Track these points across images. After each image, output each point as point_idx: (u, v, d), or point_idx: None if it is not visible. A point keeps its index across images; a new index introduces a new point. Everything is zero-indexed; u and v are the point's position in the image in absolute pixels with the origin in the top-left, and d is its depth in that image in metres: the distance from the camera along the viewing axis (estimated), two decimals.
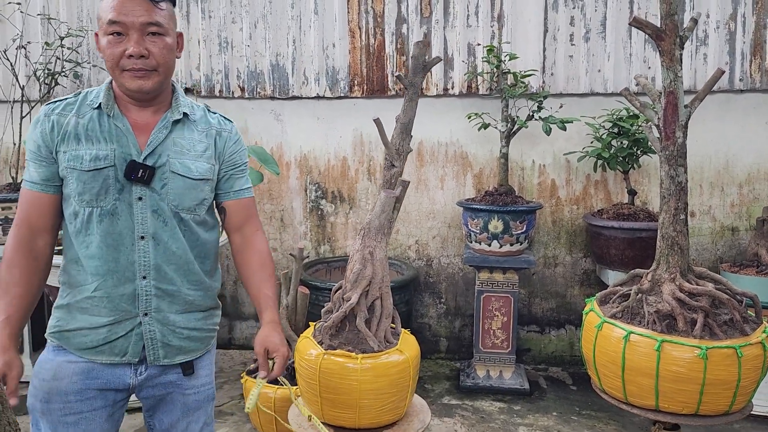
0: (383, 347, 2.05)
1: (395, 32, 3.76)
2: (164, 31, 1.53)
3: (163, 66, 1.54)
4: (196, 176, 1.60)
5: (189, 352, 1.66)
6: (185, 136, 1.62)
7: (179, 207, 1.58)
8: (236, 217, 1.73)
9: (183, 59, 3.88)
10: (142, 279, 1.56)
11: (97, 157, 1.52)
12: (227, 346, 4.11)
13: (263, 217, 3.99)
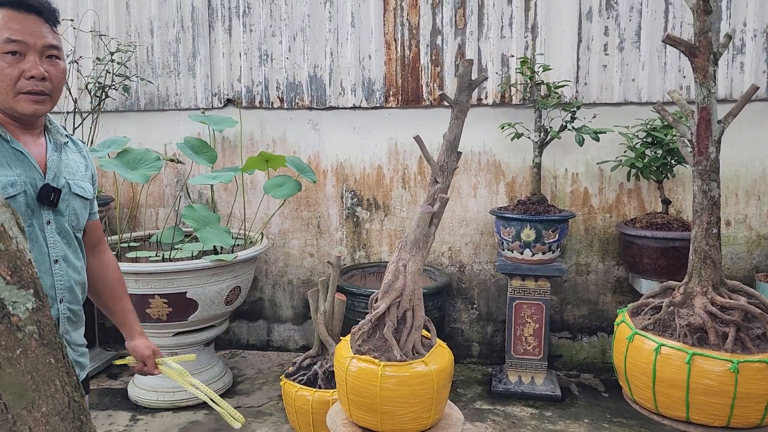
0: (409, 357, 2.13)
1: (430, 44, 3.84)
2: (61, 56, 1.52)
3: (57, 91, 1.53)
4: (89, 195, 1.67)
5: (84, 368, 1.73)
6: (70, 158, 1.64)
7: (76, 227, 1.63)
8: (93, 237, 1.80)
9: (225, 71, 4.03)
10: (59, 302, 1.58)
11: (10, 184, 1.47)
12: (265, 348, 4.24)
13: (300, 223, 4.11)
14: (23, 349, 0.76)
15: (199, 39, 4.04)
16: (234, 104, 4.06)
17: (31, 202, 1.50)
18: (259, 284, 4.17)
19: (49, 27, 1.47)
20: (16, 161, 1.49)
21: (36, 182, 1.51)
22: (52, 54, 1.48)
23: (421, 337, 2.25)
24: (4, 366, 0.75)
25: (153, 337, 3.28)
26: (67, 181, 1.59)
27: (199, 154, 3.49)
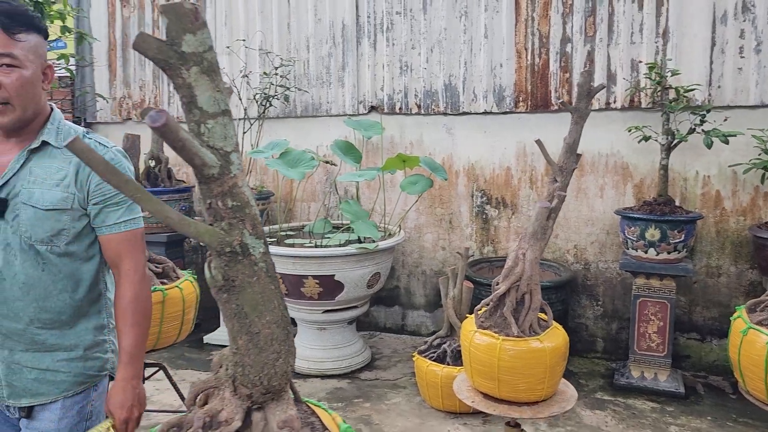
0: (526, 335, 2.42)
1: (559, 51, 4.05)
2: (19, 63, 1.45)
3: (18, 99, 1.47)
4: (47, 206, 1.51)
5: (38, 395, 1.57)
6: (43, 165, 1.54)
7: (33, 239, 1.51)
8: (109, 253, 1.63)
9: (369, 81, 4.51)
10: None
11: None
12: (400, 331, 4.67)
13: (434, 219, 4.49)
14: (257, 277, 1.19)
15: (348, 53, 4.56)
16: (377, 110, 4.53)
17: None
18: (396, 273, 4.61)
19: (6, 36, 1.43)
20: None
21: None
22: (6, 62, 1.43)
23: (537, 318, 2.52)
24: (245, 287, 1.18)
25: (305, 314, 3.82)
26: (22, 189, 1.51)
27: (347, 155, 3.98)
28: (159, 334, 2.89)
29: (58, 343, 1.57)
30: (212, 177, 1.13)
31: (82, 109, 5.37)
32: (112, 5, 5.27)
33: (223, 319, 1.25)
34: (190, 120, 1.13)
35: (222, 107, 1.15)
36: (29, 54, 1.48)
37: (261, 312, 1.23)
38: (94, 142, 1.61)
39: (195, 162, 1.09)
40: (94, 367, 1.65)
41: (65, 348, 1.58)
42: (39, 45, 1.52)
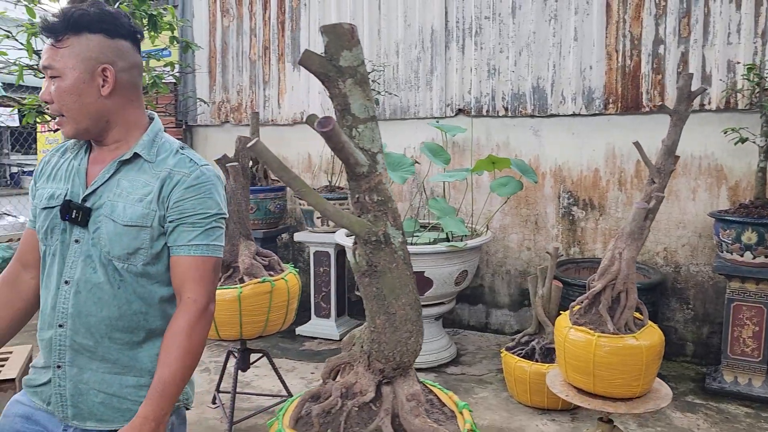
0: (621, 332, 2.47)
1: (651, 53, 4.04)
2: (58, 73, 1.41)
3: (66, 109, 1.43)
4: (126, 222, 1.44)
5: (103, 420, 1.46)
6: (131, 178, 1.48)
7: (111, 254, 1.44)
8: (175, 277, 1.49)
9: (457, 85, 4.63)
10: (58, 327, 1.46)
11: (52, 196, 1.49)
12: (483, 329, 4.76)
13: (519, 219, 4.56)
14: (396, 263, 1.34)
15: (437, 57, 4.69)
16: (464, 113, 4.64)
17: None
18: (481, 272, 4.70)
19: (53, 48, 1.41)
20: (71, 176, 1.50)
21: (69, 198, 1.47)
22: (51, 74, 1.42)
23: (633, 317, 2.58)
24: (386, 272, 1.34)
25: None
26: (107, 201, 1.46)
27: (436, 157, 4.11)
28: (266, 322, 3.12)
29: (129, 366, 1.47)
30: (362, 175, 1.29)
31: (184, 112, 5.75)
32: (213, 15, 5.62)
33: (364, 300, 1.41)
34: (343, 125, 1.29)
35: (370, 113, 1.31)
36: (70, 60, 1.40)
37: (398, 295, 1.38)
38: (186, 157, 1.52)
39: (349, 161, 1.25)
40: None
41: (135, 372, 1.48)
42: (88, 47, 1.41)
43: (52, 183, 1.52)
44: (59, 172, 1.53)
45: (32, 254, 1.57)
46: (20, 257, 1.59)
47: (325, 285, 4.71)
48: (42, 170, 1.57)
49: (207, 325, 1.49)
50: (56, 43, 1.40)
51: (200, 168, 1.51)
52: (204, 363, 4.19)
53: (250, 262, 3.09)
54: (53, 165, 1.56)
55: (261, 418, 3.37)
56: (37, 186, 1.56)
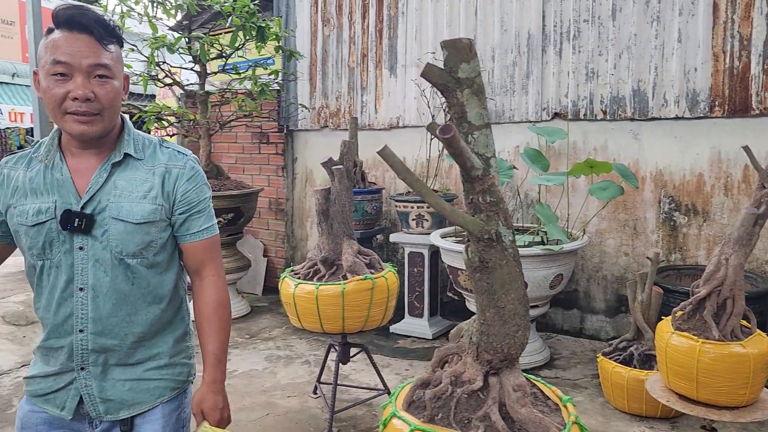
0: (727, 339, 2.43)
1: (762, 54, 3.88)
2: (111, 74, 1.46)
3: (109, 110, 1.47)
4: (138, 220, 1.51)
5: (133, 405, 1.57)
6: (127, 177, 1.53)
7: (123, 253, 1.50)
8: (192, 261, 1.65)
9: (554, 88, 4.63)
10: (78, 332, 1.51)
11: (39, 211, 1.48)
12: (578, 335, 4.72)
13: (617, 224, 4.49)
14: (506, 260, 1.44)
15: (533, 62, 4.71)
16: (560, 117, 4.63)
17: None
18: (575, 277, 4.67)
19: (100, 46, 1.43)
20: (56, 187, 1.49)
21: (71, 207, 1.48)
22: (100, 73, 1.44)
23: (740, 325, 2.52)
24: (497, 268, 1.43)
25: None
26: (108, 203, 1.50)
27: (535, 163, 4.13)
28: (367, 317, 3.27)
29: (148, 354, 1.59)
30: (476, 177, 1.39)
31: (286, 117, 6.05)
32: (315, 25, 5.89)
33: (474, 294, 1.51)
34: (460, 131, 1.40)
35: (485, 121, 1.41)
36: (117, 64, 1.49)
37: (507, 290, 1.47)
38: (173, 150, 1.62)
39: (466, 165, 1.36)
40: (183, 373, 1.67)
41: (153, 357, 1.60)
42: (121, 55, 1.52)
43: (33, 198, 1.49)
44: (37, 186, 1.49)
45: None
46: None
47: (418, 285, 4.83)
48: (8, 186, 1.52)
49: (228, 292, 1.70)
50: (104, 44, 1.45)
51: (189, 158, 1.63)
52: (304, 356, 4.41)
53: (352, 260, 3.25)
54: (20, 180, 1.51)
55: (359, 410, 3.53)
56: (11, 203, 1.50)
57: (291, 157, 6.20)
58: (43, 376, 1.55)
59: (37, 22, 4.92)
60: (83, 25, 1.41)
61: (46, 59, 1.41)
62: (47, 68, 1.41)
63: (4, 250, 1.60)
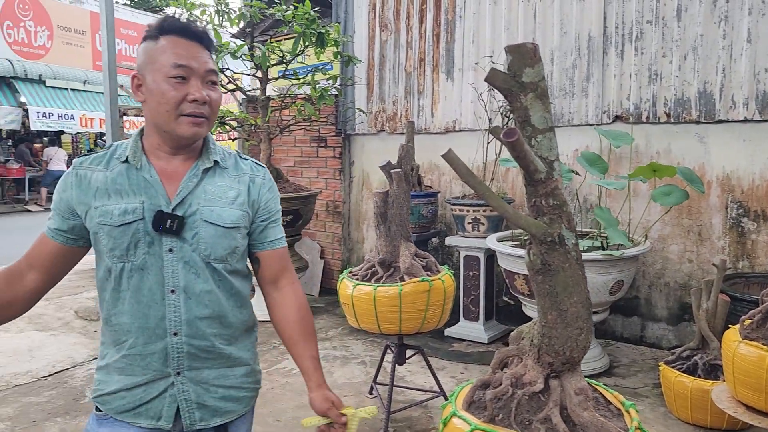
0: None
1: None
2: (217, 81, 1.55)
3: (214, 115, 1.54)
4: (228, 224, 1.54)
5: (226, 413, 1.58)
6: (216, 183, 1.57)
7: (211, 257, 1.52)
8: (271, 269, 1.67)
9: (615, 91, 4.54)
10: (173, 336, 1.50)
11: (126, 211, 1.47)
12: (638, 342, 4.61)
13: (680, 230, 4.37)
14: (569, 263, 1.44)
15: (593, 64, 4.64)
16: (621, 120, 4.54)
17: (150, 229, 1.48)
18: (636, 283, 4.56)
19: (208, 54, 1.52)
20: (144, 188, 1.50)
21: (157, 209, 1.49)
22: (212, 79, 1.52)
23: None
24: (559, 271, 1.44)
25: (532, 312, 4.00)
26: (199, 207, 1.52)
27: (593, 166, 4.07)
28: (423, 319, 3.30)
29: (237, 357, 1.60)
30: (539, 180, 1.41)
31: (344, 122, 6.15)
32: (373, 30, 5.97)
33: (536, 296, 1.52)
34: (523, 135, 1.41)
35: (549, 124, 1.42)
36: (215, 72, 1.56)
37: (570, 293, 1.47)
38: (252, 162, 1.68)
39: (529, 168, 1.37)
40: (259, 381, 1.70)
41: (242, 362, 1.62)
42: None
43: (117, 198, 1.49)
44: (121, 187, 1.50)
45: (41, 259, 1.54)
46: (29, 258, 1.54)
47: (474, 288, 4.82)
48: (86, 186, 1.51)
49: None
50: (210, 53, 1.53)
51: (266, 170, 1.70)
52: (360, 356, 4.48)
53: (410, 262, 3.29)
54: (100, 180, 1.51)
55: (415, 411, 3.56)
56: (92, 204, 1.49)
57: (348, 160, 6.29)
58: (129, 388, 1.51)
59: (110, 33, 5.17)
60: (196, 33, 1.49)
61: (163, 62, 1.45)
62: (165, 71, 1.45)
63: (75, 253, 1.57)
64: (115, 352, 1.53)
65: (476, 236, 4.73)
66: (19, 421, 3.50)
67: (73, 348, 4.66)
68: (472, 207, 4.70)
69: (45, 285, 1.55)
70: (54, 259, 1.54)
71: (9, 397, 3.83)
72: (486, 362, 4.34)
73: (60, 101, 14.85)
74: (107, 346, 1.56)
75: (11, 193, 16.08)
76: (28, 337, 4.64)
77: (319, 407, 1.55)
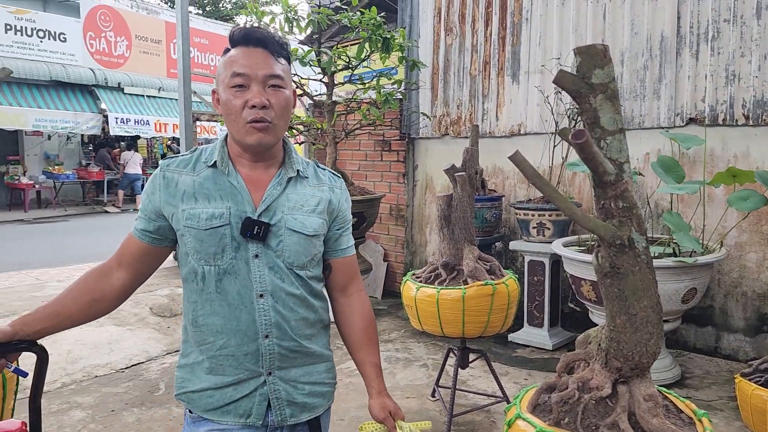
0: None
1: None
2: (284, 84, 1.54)
3: (281, 118, 1.53)
4: (311, 232, 1.58)
5: (313, 409, 1.64)
6: (298, 192, 1.60)
7: (294, 264, 1.56)
8: (342, 276, 1.72)
9: (689, 93, 4.39)
10: (264, 338, 1.54)
11: (213, 216, 1.51)
12: (712, 353, 4.43)
13: (759, 237, 4.17)
14: (639, 267, 1.42)
15: (666, 65, 4.50)
16: (695, 122, 4.38)
17: (237, 234, 1.51)
18: (711, 292, 4.38)
19: (273, 58, 1.52)
20: (230, 194, 1.54)
21: (243, 215, 1.52)
22: (274, 83, 1.51)
23: None
24: (628, 274, 1.42)
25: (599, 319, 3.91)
26: (284, 215, 1.56)
27: (668, 173, 3.93)
28: (487, 323, 3.28)
29: (318, 354, 1.65)
30: (608, 183, 1.39)
31: (407, 126, 6.19)
32: (437, 34, 5.99)
33: (604, 300, 1.50)
34: (592, 136, 1.40)
35: (618, 126, 1.41)
36: (287, 76, 1.56)
37: (640, 297, 1.45)
38: (329, 172, 1.72)
39: (598, 170, 1.36)
40: (335, 375, 1.75)
41: (323, 359, 1.67)
42: (289, 70, 1.61)
43: (204, 203, 1.52)
44: (208, 191, 1.54)
45: (129, 259, 1.59)
46: (118, 257, 1.60)
47: (538, 294, 4.76)
48: (174, 188, 1.55)
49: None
50: (276, 57, 1.53)
51: (342, 181, 1.74)
52: (422, 359, 4.49)
53: (473, 266, 3.28)
54: (189, 183, 1.55)
55: (477, 415, 3.55)
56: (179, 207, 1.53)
57: (412, 164, 6.33)
58: (217, 387, 1.55)
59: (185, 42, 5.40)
60: (258, 39, 1.52)
61: (225, 74, 1.51)
62: (226, 82, 1.50)
63: (160, 253, 1.62)
64: (201, 353, 1.57)
65: (541, 241, 4.67)
66: (100, 410, 3.70)
67: (147, 343, 4.87)
68: (537, 211, 4.64)
69: (132, 283, 1.61)
70: (140, 258, 1.60)
71: (90, 387, 4.06)
72: (550, 369, 4.27)
73: (137, 107, 15.58)
74: (191, 345, 1.60)
75: (91, 194, 16.98)
76: (107, 331, 4.89)
77: (376, 414, 1.61)
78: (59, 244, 10.36)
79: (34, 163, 16.10)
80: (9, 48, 13.51)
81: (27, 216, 14.12)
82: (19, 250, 9.70)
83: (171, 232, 1.59)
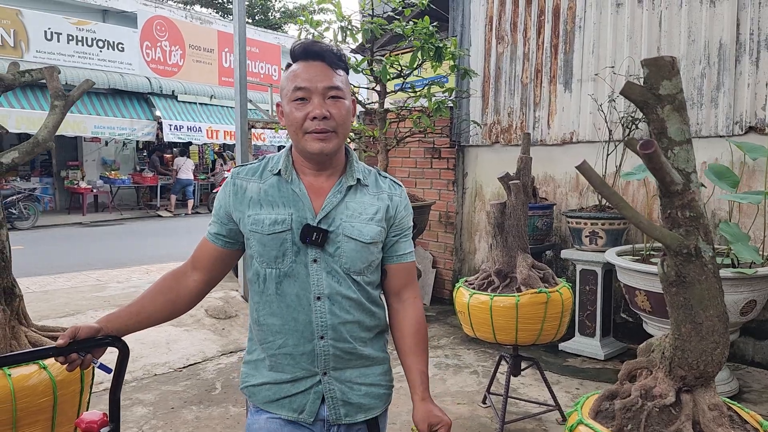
0: None
1: None
2: (343, 95, 1.59)
3: (341, 127, 1.58)
4: (368, 240, 1.62)
5: (369, 410, 1.68)
6: (357, 200, 1.65)
7: (351, 269, 1.61)
8: (397, 281, 1.75)
9: (748, 101, 4.30)
10: (320, 339, 1.60)
11: (276, 221, 1.59)
12: None
13: None
14: (705, 276, 1.43)
15: (724, 73, 4.41)
16: (756, 131, 4.28)
17: (297, 239, 1.58)
18: None
19: (332, 71, 1.59)
20: (292, 201, 1.61)
21: (304, 222, 1.59)
22: (333, 95, 1.57)
23: None
24: (695, 283, 1.43)
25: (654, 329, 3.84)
26: (342, 222, 1.61)
27: (721, 180, 3.86)
28: (540, 331, 3.29)
29: (374, 357, 1.69)
30: (675, 192, 1.41)
31: (458, 133, 6.22)
32: (489, 43, 6.01)
33: (669, 308, 1.52)
34: (659, 146, 1.42)
35: (686, 136, 1.43)
36: (346, 87, 1.62)
37: (705, 306, 1.46)
38: (390, 180, 1.76)
39: (665, 180, 1.38)
40: (392, 379, 1.78)
41: (379, 361, 1.71)
42: (348, 80, 1.66)
43: (269, 209, 1.60)
44: (272, 198, 1.61)
45: (204, 261, 1.69)
46: (193, 260, 1.70)
47: (590, 303, 4.71)
48: (242, 195, 1.64)
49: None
50: (334, 69, 1.59)
51: (403, 189, 1.77)
52: (472, 366, 4.50)
53: (527, 273, 3.30)
54: (255, 190, 1.63)
55: (528, 423, 3.55)
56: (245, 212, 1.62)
57: (462, 172, 6.35)
58: (275, 383, 1.63)
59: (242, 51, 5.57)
60: (316, 52, 1.59)
61: (288, 89, 1.58)
62: (289, 95, 1.57)
63: (232, 256, 1.71)
64: (263, 351, 1.65)
65: (594, 250, 4.63)
66: (160, 407, 3.85)
67: (203, 344, 5.03)
68: (590, 220, 4.61)
69: (206, 285, 1.71)
70: (214, 261, 1.69)
71: (150, 385, 4.22)
72: (602, 379, 4.23)
73: (189, 115, 16.05)
74: (255, 343, 1.69)
75: (145, 199, 17.54)
76: (165, 332, 5.06)
77: (419, 424, 1.63)
78: (116, 247, 10.76)
79: (92, 168, 16.74)
80: (71, 57, 14.11)
81: (85, 219, 14.70)
82: (78, 252, 10.12)
83: (241, 236, 1.67)
